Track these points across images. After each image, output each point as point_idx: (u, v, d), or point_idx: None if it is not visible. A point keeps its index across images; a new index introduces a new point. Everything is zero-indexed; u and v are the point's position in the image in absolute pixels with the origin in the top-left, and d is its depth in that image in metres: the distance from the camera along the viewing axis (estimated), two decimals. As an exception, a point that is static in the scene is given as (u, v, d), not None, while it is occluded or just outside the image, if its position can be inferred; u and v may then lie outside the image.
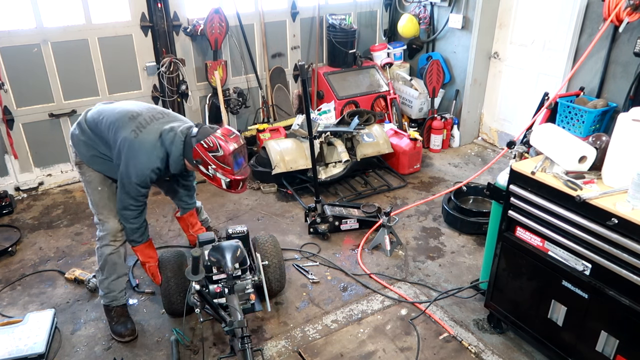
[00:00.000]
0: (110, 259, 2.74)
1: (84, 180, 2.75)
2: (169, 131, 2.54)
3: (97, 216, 2.75)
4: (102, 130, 2.62)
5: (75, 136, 2.71)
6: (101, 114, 2.65)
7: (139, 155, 2.47)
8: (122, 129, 2.51)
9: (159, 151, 2.52)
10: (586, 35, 3.99)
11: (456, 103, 5.34)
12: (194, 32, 4.63)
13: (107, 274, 2.76)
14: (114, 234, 2.72)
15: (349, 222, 3.76)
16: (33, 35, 4.05)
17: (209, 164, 2.52)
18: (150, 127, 2.54)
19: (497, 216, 2.62)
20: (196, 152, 2.52)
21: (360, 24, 5.69)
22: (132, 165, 2.48)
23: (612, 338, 2.11)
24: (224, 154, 2.51)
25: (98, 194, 2.72)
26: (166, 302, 2.80)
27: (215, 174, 2.56)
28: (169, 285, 2.75)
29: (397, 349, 2.68)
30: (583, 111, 3.72)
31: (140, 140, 2.48)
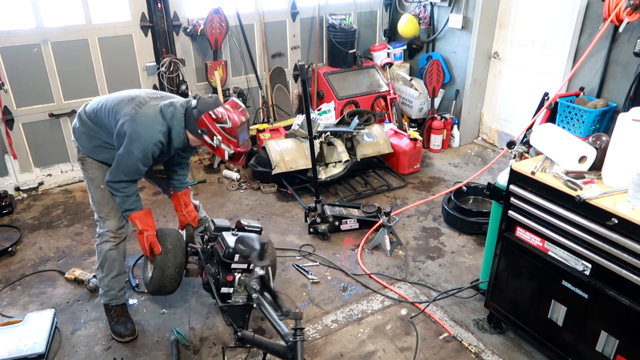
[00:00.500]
0: (109, 255, 2.74)
1: (86, 177, 2.74)
2: (169, 106, 2.55)
3: (98, 214, 2.75)
4: (102, 117, 2.62)
5: (77, 129, 2.71)
6: (100, 103, 2.66)
7: (142, 129, 2.46)
8: (122, 110, 2.52)
9: (160, 125, 2.51)
10: (586, 35, 3.99)
11: (456, 103, 5.34)
12: (194, 32, 4.63)
13: (107, 271, 2.76)
14: (114, 231, 2.73)
15: (349, 222, 3.76)
16: (33, 35, 4.05)
17: (214, 135, 2.51)
18: (149, 104, 2.54)
19: (497, 216, 2.62)
20: (202, 122, 2.50)
21: (360, 24, 5.69)
22: (135, 139, 2.45)
23: (612, 338, 2.11)
24: (231, 126, 2.49)
25: (100, 192, 2.72)
26: (158, 275, 2.67)
27: (220, 145, 2.53)
28: (167, 258, 2.68)
29: (397, 349, 2.68)
30: (583, 111, 3.72)
31: (142, 114, 2.48)
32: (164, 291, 2.76)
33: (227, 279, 2.48)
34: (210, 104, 2.50)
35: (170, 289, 2.74)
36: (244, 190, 4.45)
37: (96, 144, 2.67)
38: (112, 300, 2.82)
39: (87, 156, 2.71)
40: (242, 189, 4.46)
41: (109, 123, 2.58)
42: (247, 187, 4.48)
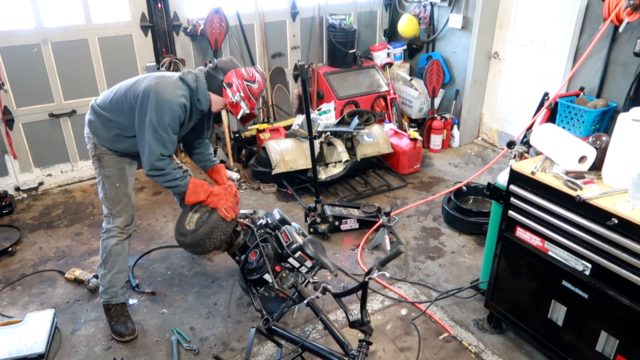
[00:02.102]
0: (114, 250, 2.76)
1: (102, 175, 2.73)
2: (188, 73, 2.65)
3: (109, 210, 2.76)
4: (119, 101, 2.63)
5: (92, 122, 2.69)
6: (112, 91, 2.70)
7: (166, 94, 2.51)
8: (140, 85, 2.57)
9: (182, 90, 2.58)
10: (586, 35, 3.99)
11: (456, 103, 5.34)
12: (194, 32, 4.63)
13: (110, 267, 2.78)
14: (122, 227, 2.76)
15: (349, 222, 3.76)
16: (33, 35, 4.05)
17: (238, 91, 2.61)
18: (166, 76, 2.64)
19: (497, 216, 2.62)
20: (230, 76, 2.60)
21: (360, 24, 5.69)
22: (161, 106, 2.49)
23: (612, 338, 2.11)
24: (257, 87, 2.65)
25: (115, 190, 2.73)
26: (205, 232, 2.69)
27: (239, 102, 2.64)
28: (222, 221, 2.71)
29: (397, 349, 2.68)
30: (583, 111, 3.72)
31: (162, 83, 2.55)
32: (199, 248, 2.75)
33: (275, 269, 2.52)
34: (230, 63, 2.65)
35: (205, 249, 2.75)
36: (244, 190, 4.45)
37: (114, 132, 2.66)
38: (112, 299, 2.82)
39: (106, 150, 2.69)
40: (242, 189, 4.46)
41: (129, 102, 2.59)
42: (247, 187, 4.48)
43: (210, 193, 2.74)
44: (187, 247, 2.83)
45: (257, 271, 2.54)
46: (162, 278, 3.29)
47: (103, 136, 2.67)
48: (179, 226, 2.90)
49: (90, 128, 2.71)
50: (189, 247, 2.80)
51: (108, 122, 2.66)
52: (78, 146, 4.56)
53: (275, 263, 2.54)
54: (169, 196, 4.31)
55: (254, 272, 2.55)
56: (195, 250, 2.80)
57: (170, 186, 2.70)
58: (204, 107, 2.69)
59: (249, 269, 2.59)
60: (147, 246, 3.63)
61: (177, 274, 3.32)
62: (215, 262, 3.44)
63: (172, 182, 2.66)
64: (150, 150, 2.53)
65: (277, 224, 2.71)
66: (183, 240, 2.80)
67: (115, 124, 2.65)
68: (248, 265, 2.61)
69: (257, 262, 2.56)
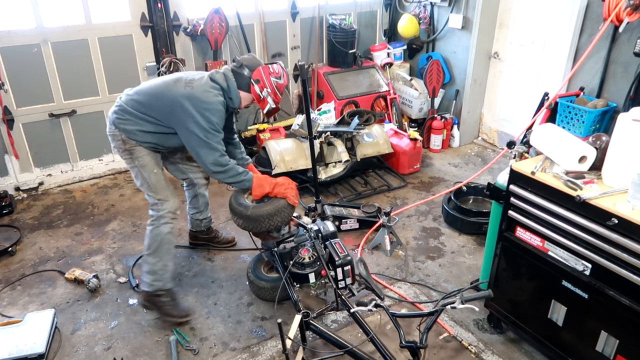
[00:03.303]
0: (167, 238, 2.79)
1: (137, 166, 2.76)
2: (216, 73, 2.71)
3: (155, 197, 2.79)
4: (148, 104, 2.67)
5: (119, 120, 2.71)
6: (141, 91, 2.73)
7: (206, 98, 2.60)
8: (172, 91, 2.62)
9: (217, 90, 2.66)
10: (586, 35, 3.99)
11: (456, 103, 5.34)
12: (194, 32, 4.63)
13: (161, 255, 2.80)
14: (173, 211, 2.81)
15: (349, 222, 3.76)
16: (33, 35, 4.05)
17: (265, 86, 2.73)
18: (196, 79, 2.68)
19: (497, 216, 2.62)
20: (258, 72, 2.71)
21: (360, 24, 5.69)
22: (205, 109, 2.58)
23: (612, 338, 2.11)
24: (283, 82, 2.78)
25: (155, 176, 2.78)
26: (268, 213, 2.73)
27: (267, 97, 2.75)
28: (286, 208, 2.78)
29: (397, 349, 2.68)
30: (583, 111, 3.72)
31: (197, 88, 2.62)
32: (253, 223, 2.75)
33: (321, 272, 2.58)
34: (254, 60, 2.75)
35: (258, 227, 2.76)
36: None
37: (143, 128, 2.70)
38: (165, 285, 2.83)
39: (136, 143, 2.72)
40: (242, 189, 4.45)
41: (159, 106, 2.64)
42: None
43: (275, 184, 2.80)
44: (243, 218, 2.79)
45: (305, 267, 2.60)
46: (162, 278, 3.29)
47: (131, 130, 2.70)
48: (238, 198, 2.87)
49: (117, 126, 2.73)
50: (245, 218, 2.77)
51: (135, 119, 2.69)
52: (78, 146, 4.56)
53: (324, 268, 2.61)
54: (169, 196, 4.31)
55: (303, 267, 2.60)
56: (248, 223, 2.77)
57: (235, 181, 2.74)
58: (236, 105, 2.77)
59: (299, 262, 2.63)
60: (147, 246, 3.63)
61: (177, 274, 3.32)
62: (215, 262, 3.44)
63: (237, 177, 2.72)
64: (208, 152, 2.62)
65: (330, 234, 2.77)
66: (242, 210, 2.77)
67: (145, 117, 2.68)
68: (298, 258, 2.65)
69: (309, 259, 2.62)
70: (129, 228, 3.87)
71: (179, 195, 2.96)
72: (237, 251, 3.58)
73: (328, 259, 2.64)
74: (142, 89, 2.76)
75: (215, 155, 2.64)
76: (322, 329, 2.43)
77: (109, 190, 4.48)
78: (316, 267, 2.60)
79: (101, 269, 3.37)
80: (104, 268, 3.39)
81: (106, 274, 3.32)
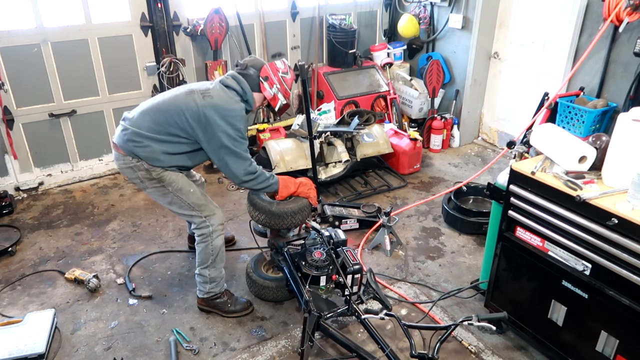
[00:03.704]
0: (222, 249, 2.79)
1: (172, 192, 2.66)
2: (226, 79, 2.66)
3: (201, 214, 2.71)
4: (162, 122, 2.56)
5: (138, 148, 2.56)
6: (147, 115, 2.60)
7: (228, 106, 2.55)
8: (192, 105, 2.52)
9: (235, 95, 2.63)
10: (586, 35, 3.99)
11: (456, 103, 5.34)
12: (194, 32, 4.63)
13: (218, 264, 2.81)
14: (222, 222, 2.79)
15: (349, 222, 3.76)
16: (33, 35, 4.05)
17: (274, 83, 2.71)
18: (211, 88, 2.61)
19: (497, 216, 2.62)
20: (265, 70, 2.69)
21: (360, 24, 5.69)
22: (231, 117, 2.53)
23: (612, 338, 2.11)
24: (290, 77, 2.78)
25: (193, 195, 2.71)
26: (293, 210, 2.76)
27: (277, 94, 2.73)
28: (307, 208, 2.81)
29: (397, 349, 2.68)
30: (583, 111, 3.72)
31: (217, 98, 2.55)
32: (276, 219, 2.76)
33: (332, 277, 2.60)
34: (257, 60, 2.72)
35: (280, 223, 2.77)
36: (244, 190, 4.45)
37: (167, 149, 2.59)
38: (221, 289, 2.89)
39: (162, 170, 2.62)
40: (242, 189, 4.46)
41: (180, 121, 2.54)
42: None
43: (299, 184, 2.81)
44: (266, 214, 2.77)
45: (318, 269, 2.62)
46: (162, 278, 3.29)
47: (158, 158, 2.59)
48: (259, 194, 2.87)
49: (136, 154, 2.58)
50: (269, 214, 2.76)
51: (159, 143, 2.58)
52: (78, 146, 4.56)
53: (335, 273, 2.62)
54: (169, 196, 4.31)
55: (315, 269, 2.62)
56: (270, 219, 2.77)
57: (264, 187, 2.71)
58: (252, 107, 2.73)
59: (312, 265, 2.64)
60: (147, 246, 3.63)
61: (177, 274, 3.32)
62: (215, 262, 3.45)
63: (266, 182, 2.70)
64: (238, 162, 2.58)
65: (341, 241, 2.78)
66: (266, 206, 2.77)
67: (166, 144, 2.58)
68: (311, 260, 2.66)
69: (322, 262, 2.64)
70: (129, 228, 3.87)
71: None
72: (237, 251, 3.58)
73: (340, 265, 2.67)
74: (150, 107, 2.62)
75: (245, 164, 2.59)
76: (332, 331, 2.45)
77: (109, 190, 4.48)
78: (328, 271, 2.62)
79: (101, 269, 3.37)
80: (104, 268, 3.39)
81: (106, 274, 3.32)
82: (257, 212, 2.80)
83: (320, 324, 2.43)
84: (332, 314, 2.51)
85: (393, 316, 2.28)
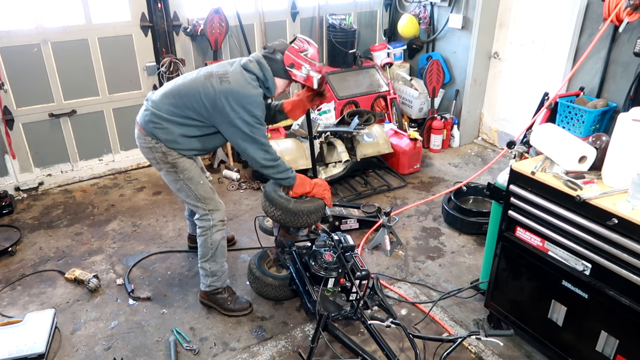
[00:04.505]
0: (221, 243, 2.83)
1: (183, 179, 2.71)
2: (249, 62, 2.59)
3: (205, 207, 2.77)
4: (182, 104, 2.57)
5: (157, 129, 2.60)
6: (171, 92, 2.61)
7: (246, 92, 2.50)
8: (209, 89, 2.51)
9: (254, 81, 2.57)
10: (586, 35, 3.99)
11: (456, 103, 5.34)
12: (194, 32, 4.63)
13: (218, 258, 2.85)
14: (222, 219, 2.82)
15: (349, 222, 3.76)
16: (33, 35, 4.05)
17: (302, 65, 2.61)
18: (230, 71, 2.56)
19: (497, 216, 2.62)
20: (288, 57, 2.59)
21: (360, 24, 5.69)
22: (248, 103, 2.49)
23: (612, 338, 2.11)
24: (313, 50, 2.64)
25: (202, 187, 2.75)
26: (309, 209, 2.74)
27: (309, 73, 2.63)
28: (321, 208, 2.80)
29: (397, 349, 2.68)
30: (583, 111, 3.72)
31: (235, 83, 2.51)
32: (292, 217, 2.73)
33: (340, 280, 2.62)
34: (286, 43, 2.63)
35: (296, 222, 2.75)
36: (244, 190, 4.45)
37: (186, 132, 2.61)
38: (222, 284, 2.92)
39: (179, 155, 2.66)
40: (242, 189, 4.46)
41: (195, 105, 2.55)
42: (247, 187, 4.48)
43: (315, 184, 2.81)
44: (282, 210, 2.75)
45: (326, 271, 2.62)
46: (162, 278, 3.29)
47: (177, 141, 2.62)
48: (277, 190, 2.85)
49: (156, 136, 2.61)
50: (286, 211, 2.74)
51: (177, 126, 2.60)
52: (78, 146, 4.56)
53: (343, 277, 2.63)
54: (168, 196, 4.32)
55: (324, 270, 2.63)
56: (286, 216, 2.75)
57: (284, 177, 2.71)
58: (272, 94, 2.69)
59: (323, 266, 2.65)
60: (147, 246, 3.63)
61: (177, 274, 3.33)
62: (215, 262, 3.45)
63: (285, 174, 2.70)
64: (256, 147, 2.57)
65: (350, 247, 2.79)
66: (284, 203, 2.74)
67: (184, 127, 2.60)
68: (321, 262, 2.67)
69: (331, 264, 2.65)
70: (129, 228, 3.87)
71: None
72: (237, 251, 3.58)
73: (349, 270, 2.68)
74: (170, 90, 2.63)
75: (263, 149, 2.59)
76: (338, 333, 2.45)
77: (109, 190, 4.48)
78: (337, 273, 2.62)
79: (101, 269, 3.37)
80: (104, 268, 3.39)
81: (106, 274, 3.32)
82: (273, 208, 2.77)
83: (327, 325, 2.43)
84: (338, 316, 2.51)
85: (399, 324, 2.28)
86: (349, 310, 2.55)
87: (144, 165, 4.91)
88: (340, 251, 2.72)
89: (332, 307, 2.61)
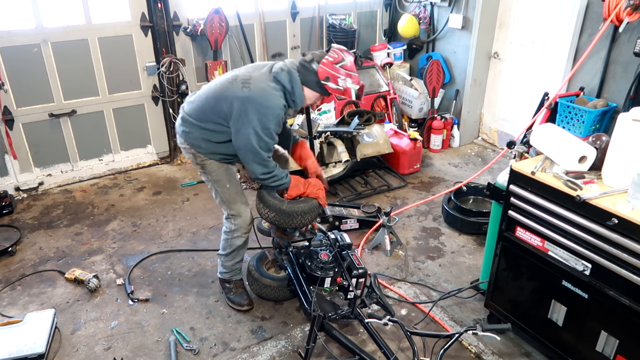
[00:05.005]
0: (240, 250, 2.88)
1: (210, 180, 2.75)
2: (280, 71, 2.53)
3: (229, 211, 2.80)
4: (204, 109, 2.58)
5: (187, 134, 2.65)
6: (199, 100, 2.63)
7: (265, 101, 2.46)
8: (229, 93, 2.49)
9: (278, 91, 2.52)
10: (586, 35, 3.99)
11: (456, 103, 5.34)
12: (194, 32, 4.63)
13: (233, 257, 2.91)
14: (246, 226, 2.82)
15: (349, 222, 3.76)
16: (33, 35, 4.05)
17: (338, 77, 2.53)
18: (254, 77, 2.52)
19: (497, 216, 2.62)
20: (323, 71, 2.51)
21: (360, 24, 5.69)
22: (264, 114, 2.45)
23: (612, 338, 2.11)
24: (350, 60, 2.57)
25: (227, 191, 2.77)
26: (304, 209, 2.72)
27: (346, 85, 2.55)
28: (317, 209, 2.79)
29: (397, 349, 2.68)
30: (583, 111, 3.72)
31: (256, 90, 2.47)
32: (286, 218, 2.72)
33: (337, 279, 2.62)
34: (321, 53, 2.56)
35: (290, 223, 2.74)
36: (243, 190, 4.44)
37: (208, 137, 2.62)
38: (233, 277, 2.99)
39: (206, 157, 2.69)
40: (242, 189, 4.46)
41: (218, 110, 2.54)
42: (247, 187, 4.48)
43: (309, 184, 2.80)
44: (276, 211, 2.74)
45: (322, 270, 2.63)
46: (162, 278, 3.29)
47: (202, 146, 2.65)
48: (270, 192, 2.83)
49: (185, 139, 2.67)
50: (279, 212, 2.73)
51: (201, 131, 2.61)
52: (78, 146, 4.56)
53: (340, 276, 2.63)
54: (168, 196, 4.32)
55: (320, 270, 2.63)
56: (280, 217, 2.73)
57: (277, 184, 2.70)
58: (299, 106, 2.64)
59: (319, 266, 2.66)
60: (147, 246, 3.63)
61: (177, 274, 3.33)
62: (214, 262, 3.44)
63: (280, 181, 2.68)
64: (257, 161, 2.55)
65: (347, 245, 2.79)
66: (277, 204, 2.73)
67: (207, 132, 2.61)
68: (316, 262, 2.67)
69: (327, 264, 2.65)
70: (129, 228, 3.87)
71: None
72: (237, 251, 3.58)
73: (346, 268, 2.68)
74: (199, 95, 2.65)
75: (263, 164, 2.56)
76: (335, 333, 2.46)
77: (109, 190, 4.48)
78: (334, 273, 2.62)
79: (101, 269, 3.37)
80: (104, 268, 3.39)
81: (106, 274, 3.32)
82: (266, 210, 2.77)
83: (324, 325, 2.44)
84: (335, 315, 2.52)
85: (397, 322, 2.28)
86: (347, 310, 2.55)
87: (144, 165, 4.91)
88: (337, 250, 2.71)
89: (330, 306, 2.61)
